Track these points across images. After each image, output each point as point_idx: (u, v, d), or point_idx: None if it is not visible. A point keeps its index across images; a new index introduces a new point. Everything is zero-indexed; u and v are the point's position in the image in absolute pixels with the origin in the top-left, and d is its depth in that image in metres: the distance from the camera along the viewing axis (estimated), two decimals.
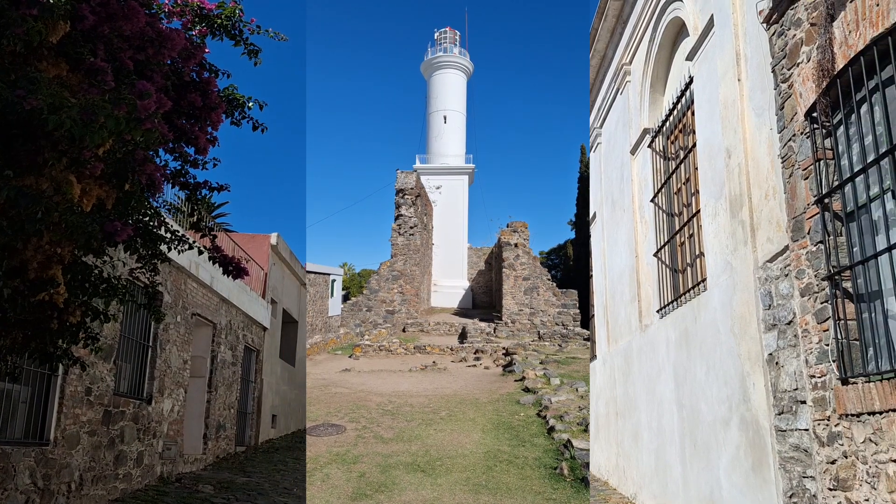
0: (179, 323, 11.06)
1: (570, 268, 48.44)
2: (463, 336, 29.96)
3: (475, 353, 25.36)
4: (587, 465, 9.73)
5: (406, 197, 34.58)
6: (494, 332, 32.16)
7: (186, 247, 5.70)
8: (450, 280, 43.74)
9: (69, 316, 4.29)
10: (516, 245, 35.89)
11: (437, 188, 44.42)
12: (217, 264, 5.67)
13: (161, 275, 10.04)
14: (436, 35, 49.87)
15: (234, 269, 5.51)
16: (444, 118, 47.06)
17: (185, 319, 11.35)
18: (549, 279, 35.90)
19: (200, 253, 5.81)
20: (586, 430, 11.70)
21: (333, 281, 33.86)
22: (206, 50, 4.88)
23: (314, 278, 36.37)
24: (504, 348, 25.30)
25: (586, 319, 33.79)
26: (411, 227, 34.15)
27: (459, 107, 48.08)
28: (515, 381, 18.54)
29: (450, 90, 47.81)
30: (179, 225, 9.57)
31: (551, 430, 12.15)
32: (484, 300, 45.07)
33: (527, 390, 16.58)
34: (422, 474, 9.64)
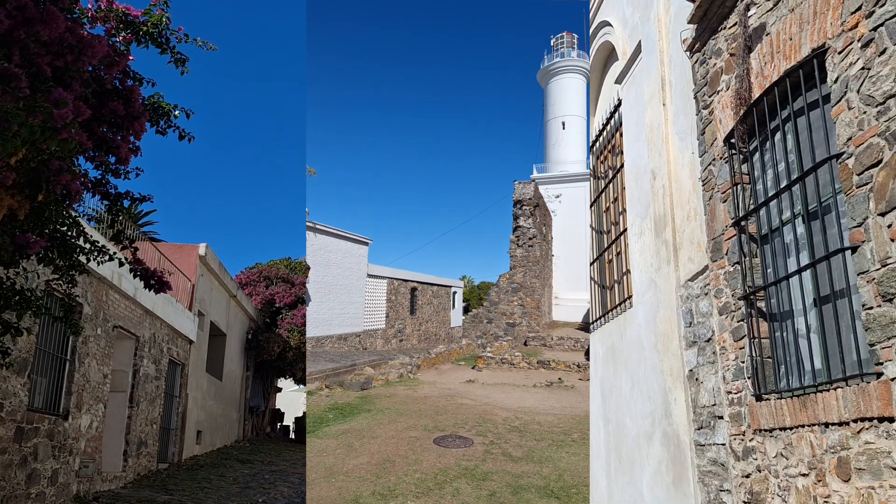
0: (100, 335, 10.65)
1: None
2: (589, 353, 29.00)
3: None
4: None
5: (524, 208, 33.61)
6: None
7: (106, 258, 5.51)
8: (572, 293, 41.56)
9: None
10: None
11: (557, 197, 42.87)
12: (138, 277, 5.49)
13: (81, 286, 9.65)
14: (552, 41, 48.35)
15: (155, 282, 5.35)
16: (563, 124, 45.48)
17: (106, 332, 10.93)
18: None
19: (121, 265, 5.62)
20: None
21: (454, 293, 33.19)
22: (131, 58, 4.73)
23: (437, 290, 35.40)
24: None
25: None
26: (530, 239, 33.20)
27: (579, 111, 46.40)
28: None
29: (568, 95, 46.24)
30: (102, 235, 9.24)
31: None
32: None
33: None
34: (556, 501, 9.03)
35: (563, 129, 45.89)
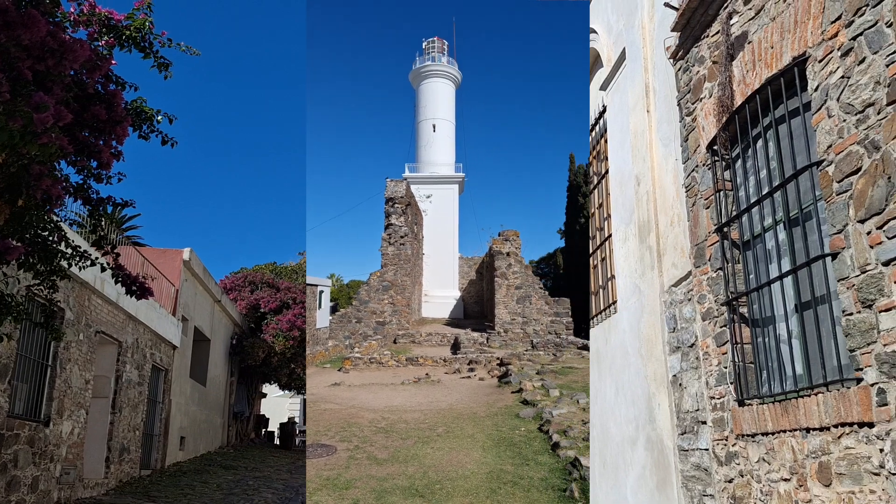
0: (82, 341, 10.54)
1: (560, 277, 48.52)
2: (456, 347, 29.12)
3: (469, 365, 24.68)
4: None
5: (396, 206, 33.64)
6: (487, 341, 31.44)
7: (88, 263, 5.45)
8: (441, 290, 42.79)
9: None
10: (508, 254, 35.42)
11: (428, 197, 43.46)
12: (120, 283, 5.44)
13: (63, 291, 9.56)
14: (424, 44, 49.02)
15: (137, 288, 5.31)
16: (433, 127, 46.19)
17: (89, 337, 10.82)
18: (541, 288, 35.57)
19: (103, 270, 5.56)
20: None
21: (321, 292, 32.92)
22: (113, 62, 4.70)
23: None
24: (498, 358, 24.65)
25: (579, 328, 34.20)
26: (402, 237, 33.28)
27: (448, 116, 47.39)
28: (512, 392, 17.92)
29: (438, 99, 47.07)
30: (85, 239, 9.16)
31: (555, 446, 11.61)
32: (475, 310, 44.42)
33: (525, 403, 15.98)
34: (421, 500, 8.99)
35: (434, 131, 46.72)
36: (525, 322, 34.30)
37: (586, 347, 30.09)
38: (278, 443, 27.07)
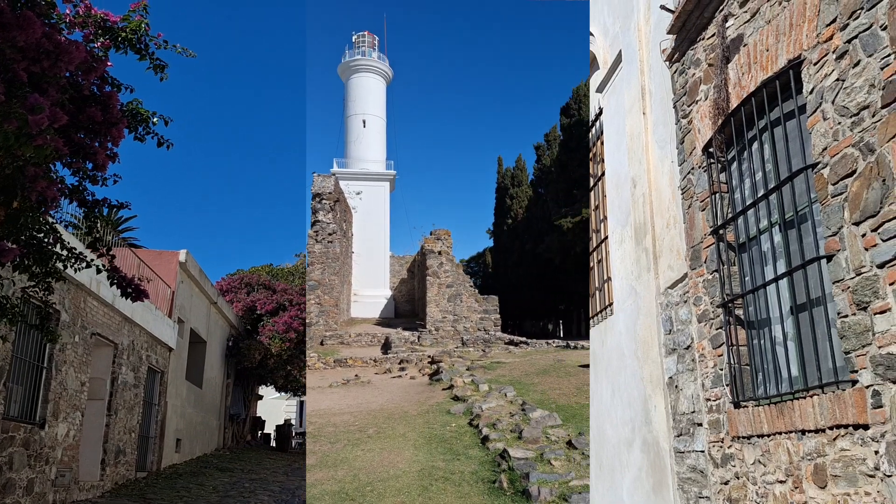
0: (77, 343, 10.52)
1: (489, 275, 49.18)
2: (386, 346, 29.27)
3: (400, 364, 24.68)
4: (527, 475, 9.28)
5: (324, 202, 33.28)
6: (418, 340, 31.50)
7: (84, 265, 5.44)
8: (371, 289, 42.53)
9: None
10: (440, 253, 35.57)
11: (358, 194, 42.99)
12: (115, 285, 5.43)
13: (59, 292, 9.54)
14: (354, 38, 48.49)
15: (132, 291, 5.30)
16: (364, 122, 45.75)
17: (84, 339, 10.80)
18: (471, 286, 35.87)
19: (99, 272, 5.55)
20: (520, 438, 11.40)
21: None
22: (109, 63, 4.69)
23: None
24: (429, 357, 24.63)
25: (506, 324, 34.34)
26: (330, 235, 32.97)
27: (379, 112, 46.94)
28: (443, 389, 18.00)
29: (369, 94, 46.58)
30: (81, 241, 9.13)
31: (485, 439, 11.75)
32: (406, 309, 44.51)
33: (456, 399, 16.11)
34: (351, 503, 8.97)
35: (364, 126, 46.14)
36: (456, 320, 34.28)
37: (513, 343, 30.38)
38: (274, 445, 27.02)
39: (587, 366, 19.05)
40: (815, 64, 3.57)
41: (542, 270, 41.20)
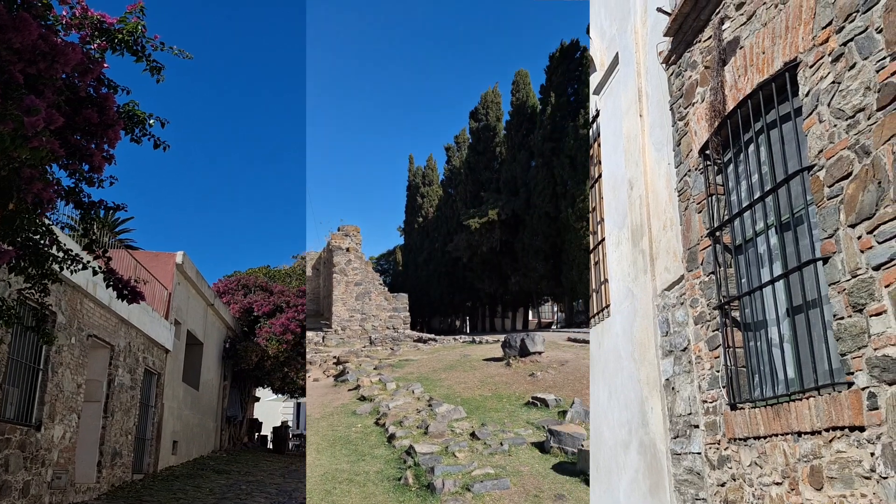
0: (74, 345, 10.50)
1: (399, 273, 49.31)
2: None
3: None
4: (432, 469, 9.24)
5: None
6: (323, 340, 30.54)
7: (80, 267, 5.43)
8: None
9: None
10: (348, 249, 34.83)
11: None
12: (111, 287, 5.42)
13: (55, 294, 9.52)
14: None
15: (128, 293, 5.29)
16: None
17: (81, 341, 10.78)
18: (381, 284, 35.31)
19: (95, 273, 5.54)
20: (427, 433, 11.29)
21: None
22: (105, 65, 4.69)
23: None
24: (335, 357, 23.96)
25: (415, 321, 34.02)
26: None
27: None
28: (349, 390, 17.65)
29: None
30: (77, 243, 9.12)
31: (392, 437, 11.65)
32: (311, 308, 43.70)
33: (363, 399, 15.90)
34: None
35: None
36: (364, 318, 33.74)
37: (421, 340, 30.06)
38: (271, 447, 26.97)
39: (491, 359, 19.18)
40: (811, 66, 3.58)
41: (450, 268, 41.47)
